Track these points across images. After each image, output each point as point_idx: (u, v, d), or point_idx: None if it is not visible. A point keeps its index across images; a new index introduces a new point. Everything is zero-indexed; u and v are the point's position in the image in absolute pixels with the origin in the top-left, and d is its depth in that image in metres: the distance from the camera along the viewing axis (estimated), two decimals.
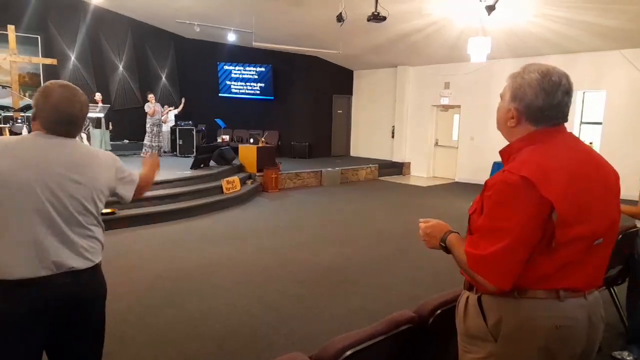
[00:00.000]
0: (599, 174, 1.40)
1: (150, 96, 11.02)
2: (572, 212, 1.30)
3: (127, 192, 1.94)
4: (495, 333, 1.38)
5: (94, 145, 9.73)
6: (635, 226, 3.09)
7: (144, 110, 10.89)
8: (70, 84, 1.77)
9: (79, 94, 1.74)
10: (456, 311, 1.54)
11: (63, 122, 1.69)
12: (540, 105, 1.37)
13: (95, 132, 9.76)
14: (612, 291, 3.39)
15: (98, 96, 10.36)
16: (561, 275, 1.34)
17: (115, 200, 6.70)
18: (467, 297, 1.48)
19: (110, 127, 10.38)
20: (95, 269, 1.79)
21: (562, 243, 1.30)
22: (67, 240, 1.67)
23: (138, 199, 2.07)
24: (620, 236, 2.99)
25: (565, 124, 1.45)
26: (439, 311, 1.78)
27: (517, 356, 1.36)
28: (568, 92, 1.38)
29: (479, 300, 1.42)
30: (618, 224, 1.45)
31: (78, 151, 1.74)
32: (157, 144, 10.98)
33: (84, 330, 1.78)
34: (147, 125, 10.86)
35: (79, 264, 1.70)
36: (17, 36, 8.97)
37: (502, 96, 1.48)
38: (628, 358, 2.96)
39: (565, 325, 1.34)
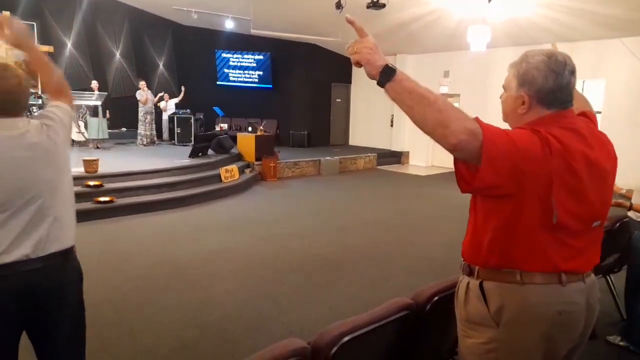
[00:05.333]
0: (605, 159, 1.41)
1: (142, 83, 10.81)
2: (571, 188, 1.31)
3: (71, 134, 1.88)
4: (497, 319, 1.37)
5: (90, 133, 9.67)
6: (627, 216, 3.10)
7: (136, 97, 10.70)
8: (4, 62, 1.72)
9: (14, 69, 1.69)
10: (455, 297, 1.54)
11: (5, 101, 1.64)
12: (551, 86, 1.36)
13: (92, 121, 9.69)
14: (609, 279, 3.41)
15: (94, 84, 10.25)
16: (563, 257, 1.35)
17: (114, 189, 6.59)
18: (468, 283, 1.47)
19: (108, 115, 10.31)
20: (68, 253, 1.75)
21: (562, 220, 1.31)
22: (38, 223, 1.65)
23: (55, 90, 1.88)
24: (617, 225, 3.00)
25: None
26: (436, 298, 1.79)
27: (520, 342, 1.36)
28: (573, 71, 1.38)
29: (481, 285, 1.41)
30: (610, 205, 1.48)
31: (31, 128, 1.68)
32: (150, 132, 10.86)
33: (56, 316, 1.74)
34: (140, 114, 10.67)
35: (52, 247, 1.67)
36: None
37: (505, 87, 1.46)
38: (620, 343, 3.01)
39: (567, 311, 1.36)
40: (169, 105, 11.78)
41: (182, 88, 11.92)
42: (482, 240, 1.41)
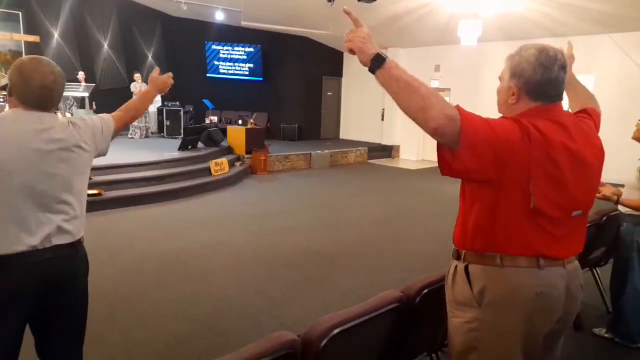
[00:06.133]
0: (589, 152, 1.46)
1: (137, 76, 10.77)
2: (550, 176, 1.36)
3: (105, 145, 1.91)
4: (479, 300, 1.45)
5: None
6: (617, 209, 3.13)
7: (130, 90, 10.67)
8: (44, 57, 1.74)
9: (52, 66, 1.70)
10: (445, 280, 1.61)
11: (38, 95, 1.66)
12: (539, 79, 1.41)
13: (79, 112, 9.58)
14: (595, 272, 3.46)
15: (81, 75, 10.11)
16: (542, 242, 1.41)
17: (102, 181, 6.51)
18: (456, 266, 1.54)
19: (94, 107, 10.18)
20: (77, 245, 1.77)
21: (540, 207, 1.37)
22: (49, 216, 1.67)
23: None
24: (604, 218, 3.04)
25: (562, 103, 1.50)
26: (425, 291, 1.80)
27: (500, 321, 1.44)
28: (563, 66, 1.43)
29: (466, 268, 1.50)
30: (594, 198, 1.55)
31: (57, 124, 1.70)
32: (144, 124, 10.82)
33: (66, 306, 1.77)
34: None
35: (61, 239, 1.70)
36: None
37: (501, 78, 1.53)
38: (606, 335, 3.07)
39: (544, 292, 1.42)
40: (155, 98, 11.67)
41: None
42: (468, 225, 1.48)
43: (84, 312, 1.87)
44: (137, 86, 10.57)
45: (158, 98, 11.61)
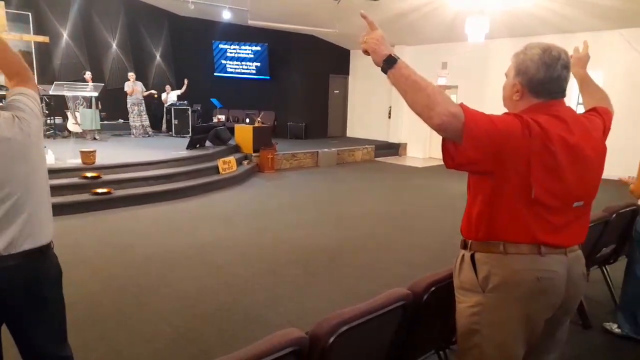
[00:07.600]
0: (587, 145, 1.50)
1: (130, 74, 10.82)
2: (548, 167, 1.42)
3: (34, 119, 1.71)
4: (484, 285, 1.53)
5: (84, 124, 9.61)
6: (633, 204, 3.12)
7: (124, 89, 10.68)
8: None
9: None
10: (453, 268, 1.69)
11: None
12: (542, 78, 1.47)
13: (86, 112, 9.61)
14: (604, 270, 3.44)
15: (88, 75, 10.19)
16: (543, 231, 1.46)
17: (112, 180, 6.54)
18: (463, 255, 1.62)
19: (99, 106, 10.26)
20: (45, 249, 1.69)
21: (539, 197, 1.42)
22: (11, 220, 1.58)
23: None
24: (614, 215, 3.02)
25: (564, 100, 1.55)
26: (433, 288, 1.80)
27: (501, 305, 1.51)
28: (566, 66, 1.48)
29: (472, 257, 1.57)
30: (597, 190, 1.58)
31: (1, 121, 1.58)
32: (140, 123, 10.86)
33: (36, 312, 1.70)
34: (128, 105, 10.69)
35: (26, 245, 1.62)
36: (7, 13, 8.77)
37: (507, 74, 1.59)
38: (616, 330, 3.04)
39: (545, 277, 1.48)
40: (170, 97, 11.73)
41: (185, 81, 11.86)
42: (473, 215, 1.56)
43: (59, 316, 1.81)
44: (130, 85, 10.62)
45: (174, 97, 11.65)
